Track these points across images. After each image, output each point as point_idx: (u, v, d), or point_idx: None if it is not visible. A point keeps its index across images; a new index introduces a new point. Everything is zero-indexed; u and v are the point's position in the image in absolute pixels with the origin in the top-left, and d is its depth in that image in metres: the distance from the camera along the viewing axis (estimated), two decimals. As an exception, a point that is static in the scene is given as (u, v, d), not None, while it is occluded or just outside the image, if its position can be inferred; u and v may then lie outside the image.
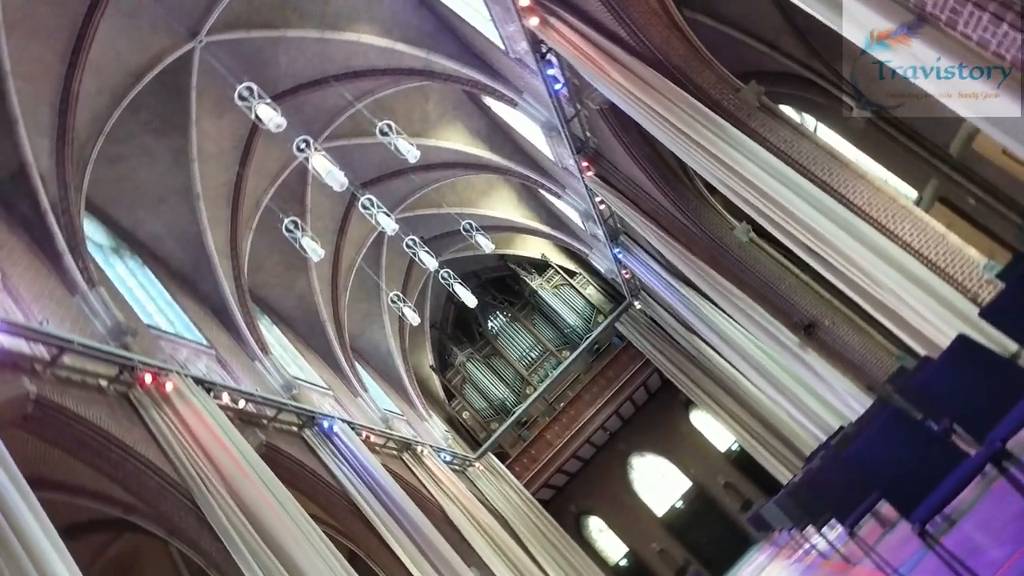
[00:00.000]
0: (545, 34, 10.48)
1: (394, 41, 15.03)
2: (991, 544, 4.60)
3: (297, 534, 9.03)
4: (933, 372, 4.92)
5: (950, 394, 4.57)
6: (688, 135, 9.46)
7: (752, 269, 13.97)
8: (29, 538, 5.69)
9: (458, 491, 18.52)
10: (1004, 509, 4.78)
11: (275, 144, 15.54)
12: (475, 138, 19.11)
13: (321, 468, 13.50)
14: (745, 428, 22.21)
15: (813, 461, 11.18)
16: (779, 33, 14.57)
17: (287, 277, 19.05)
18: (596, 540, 27.64)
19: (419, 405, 23.56)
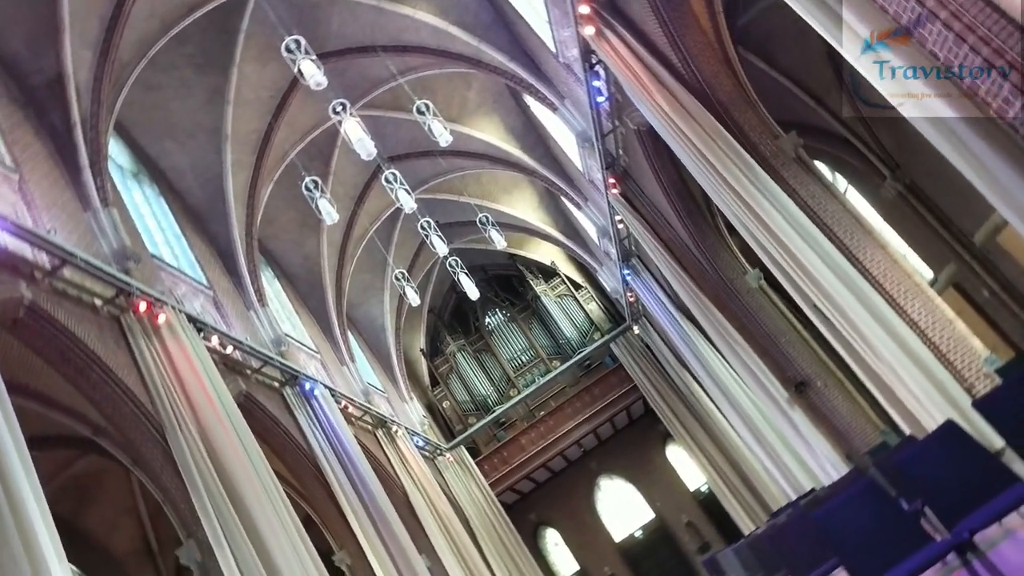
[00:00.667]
0: (598, 45, 10.47)
1: (448, 23, 15.03)
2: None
3: (258, 487, 9.04)
4: (915, 452, 4.90)
5: (928, 477, 4.55)
6: (719, 172, 9.44)
7: (756, 316, 13.94)
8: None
9: (424, 477, 18.52)
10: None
11: (311, 102, 15.56)
12: (509, 134, 19.10)
13: (295, 428, 13.52)
14: (718, 471, 22.17)
15: (779, 516, 11.15)
16: (828, 90, 14.54)
17: (298, 234, 19.07)
18: (550, 553, 27.60)
19: (402, 386, 23.55)
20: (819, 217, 9.15)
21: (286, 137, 16.42)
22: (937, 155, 5.67)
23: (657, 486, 27.30)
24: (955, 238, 14.33)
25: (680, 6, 9.67)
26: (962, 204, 13.56)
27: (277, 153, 16.39)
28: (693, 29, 9.83)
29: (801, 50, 13.68)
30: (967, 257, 14.24)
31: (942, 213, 14.49)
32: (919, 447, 4.93)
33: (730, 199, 9.49)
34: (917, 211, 14.73)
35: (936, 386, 8.07)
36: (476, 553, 18.59)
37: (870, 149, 15.00)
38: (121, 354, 9.55)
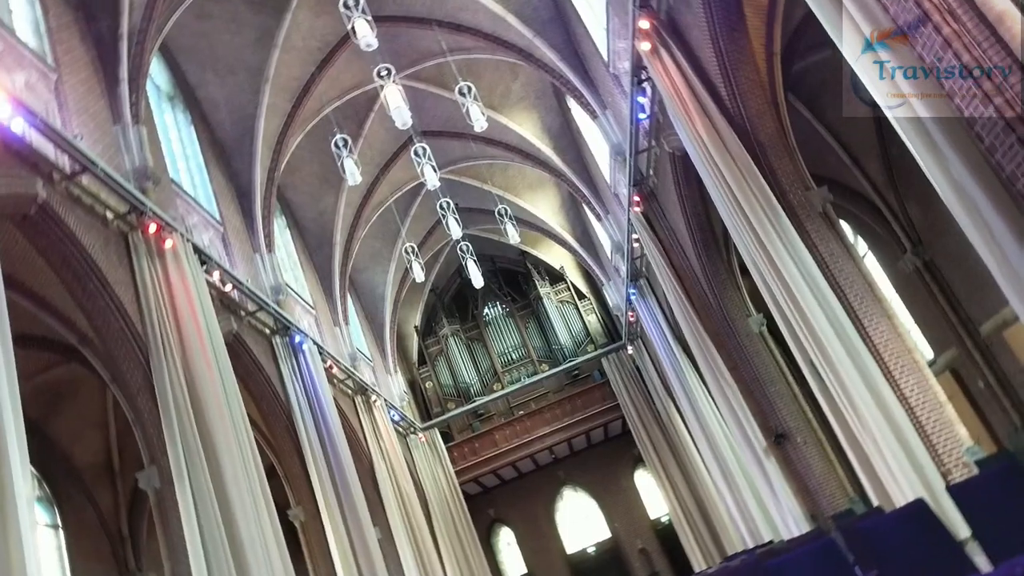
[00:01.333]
0: (651, 62, 10.44)
1: (507, 11, 15.01)
2: None
3: (229, 427, 9.07)
4: (881, 523, 4.90)
5: (888, 549, 4.55)
6: (744, 211, 9.42)
7: (751, 360, 13.91)
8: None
9: (393, 451, 18.56)
10: None
11: (357, 61, 15.55)
12: (544, 133, 19.08)
13: (276, 377, 13.55)
14: (681, 505, 22.18)
15: (733, 560, 11.15)
16: (867, 153, 14.51)
17: (317, 189, 19.09)
18: (500, 551, 27.62)
19: (390, 358, 23.59)
20: (833, 276, 9.12)
21: (325, 91, 16.44)
22: (960, 238, 5.67)
23: (619, 507, 27.29)
24: (962, 324, 14.29)
25: (739, 41, 9.63)
26: (976, 292, 13.52)
27: (314, 105, 16.41)
28: (747, 66, 9.80)
29: (851, 112, 13.63)
30: (970, 345, 14.21)
31: (954, 297, 14.45)
32: (886, 519, 4.92)
33: (749, 240, 9.46)
34: (930, 290, 14.70)
35: (913, 464, 8.06)
36: (429, 536, 18.63)
37: (897, 219, 14.96)
38: (122, 270, 9.58)
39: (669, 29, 10.21)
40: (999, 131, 4.63)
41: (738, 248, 10.45)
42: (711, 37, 9.56)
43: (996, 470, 7.09)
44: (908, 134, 5.41)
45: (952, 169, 5.06)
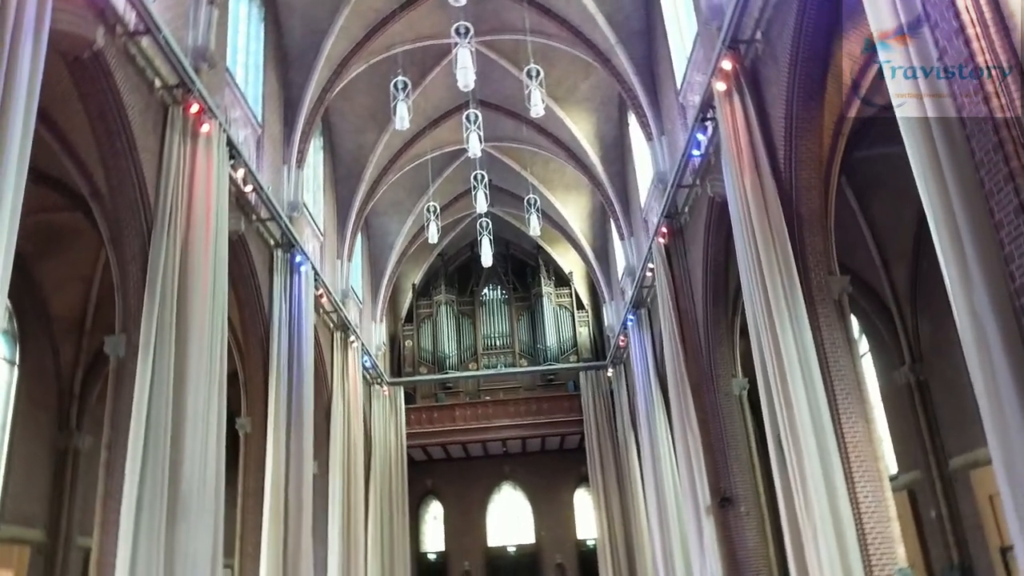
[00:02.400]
0: (721, 103, 10.39)
1: (598, 10, 14.94)
2: None
3: (207, 319, 9.10)
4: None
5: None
6: (763, 275, 9.40)
7: (722, 419, 13.90)
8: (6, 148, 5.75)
9: (354, 395, 18.62)
10: None
11: (440, 11, 15.47)
12: (596, 139, 19.03)
13: (266, 289, 13.58)
14: (611, 534, 22.26)
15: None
16: (899, 259, 14.47)
17: (363, 122, 19.05)
18: (425, 522, 27.77)
19: (380, 307, 23.63)
20: (828, 364, 9.11)
21: (401, 31, 16.38)
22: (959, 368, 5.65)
23: (550, 517, 27.41)
24: (934, 451, 14.30)
25: (812, 110, 9.57)
26: (958, 424, 13.51)
27: (386, 41, 16.36)
28: (811, 136, 9.74)
29: (895, 212, 13.60)
30: (935, 474, 14.22)
31: (936, 423, 14.45)
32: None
33: (759, 304, 9.45)
34: (915, 409, 14.69)
35: (844, 565, 8.09)
36: (363, 485, 18.72)
37: (905, 331, 14.94)
38: (152, 140, 9.59)
39: (748, 77, 10.16)
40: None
41: (745, 308, 10.43)
42: (786, 98, 9.50)
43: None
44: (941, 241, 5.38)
45: (975, 297, 5.05)
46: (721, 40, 10.21)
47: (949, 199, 5.32)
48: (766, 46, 9.88)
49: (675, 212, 14.38)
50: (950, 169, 5.27)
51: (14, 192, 5.91)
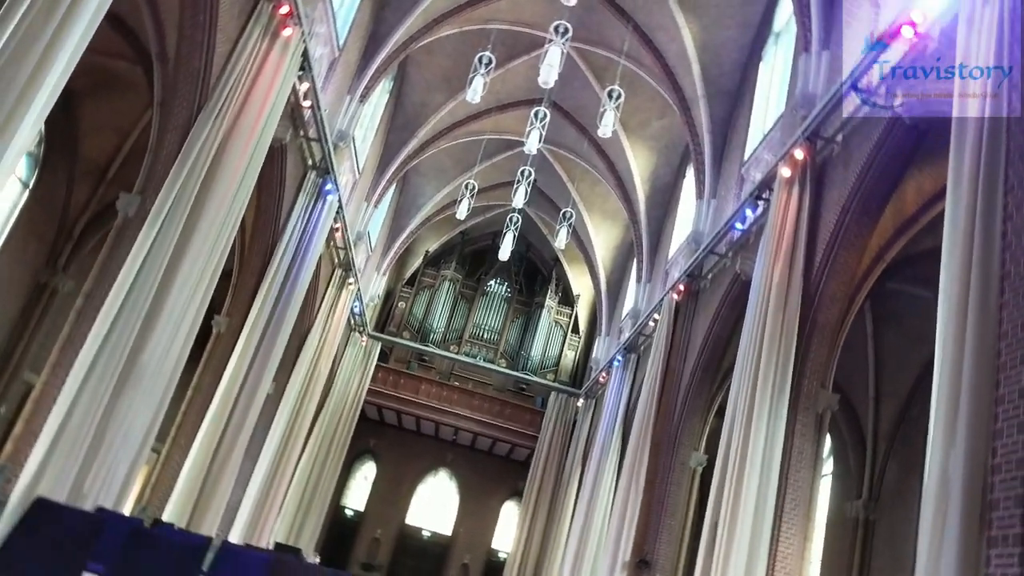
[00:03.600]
0: (780, 189, 10.36)
1: (696, 58, 14.92)
2: None
3: (223, 210, 9.16)
4: None
5: None
6: (759, 366, 9.37)
7: (669, 485, 13.86)
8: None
9: (333, 334, 18.65)
10: None
11: (547, 4, 15.45)
12: (650, 178, 19.01)
13: (288, 203, 13.62)
14: (523, 556, 22.21)
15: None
16: (892, 398, 14.40)
17: (436, 82, 19.03)
18: (354, 477, 27.77)
19: (387, 261, 23.66)
20: (788, 470, 9.07)
21: (504, 9, 16.38)
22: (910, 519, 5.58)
23: (473, 518, 27.40)
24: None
25: (863, 227, 9.53)
26: (890, 574, 13.45)
27: (485, 13, 16.35)
28: (853, 252, 9.71)
29: (903, 351, 13.56)
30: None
31: (868, 566, 14.36)
32: None
33: (745, 389, 9.42)
34: (854, 545, 14.60)
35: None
36: (309, 421, 18.73)
37: (872, 468, 14.86)
38: (234, 25, 9.63)
39: (814, 173, 10.13)
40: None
41: (730, 389, 10.41)
42: (843, 207, 9.47)
43: None
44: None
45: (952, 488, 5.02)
46: (802, 129, 10.18)
47: (962, 357, 5.30)
48: (842, 150, 9.85)
49: (697, 274, 14.35)
50: (973, 329, 5.25)
51: (86, 27, 5.93)
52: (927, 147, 8.70)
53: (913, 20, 8.02)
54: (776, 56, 14.11)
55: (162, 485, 12.10)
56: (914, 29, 8.01)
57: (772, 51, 14.33)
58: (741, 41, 14.88)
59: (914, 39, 8.11)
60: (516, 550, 22.70)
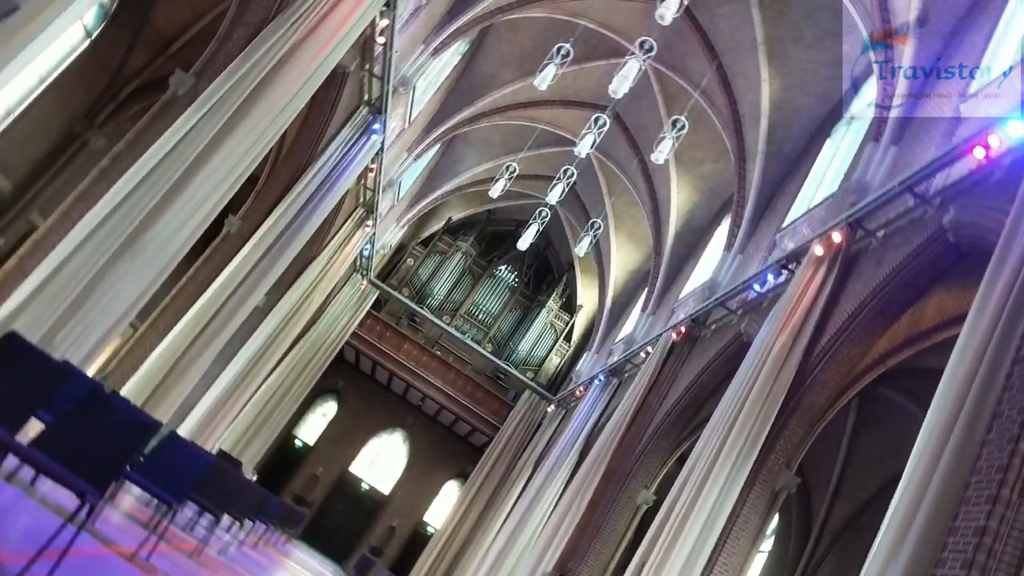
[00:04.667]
0: (807, 266, 10.30)
1: (769, 113, 14.83)
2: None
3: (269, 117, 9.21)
4: None
5: None
6: (731, 430, 9.35)
7: (610, 513, 13.89)
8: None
9: (336, 269, 18.70)
10: None
11: (640, 16, 15.37)
12: (685, 216, 18.92)
13: (334, 129, 13.65)
14: (450, 538, 22.27)
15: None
16: (850, 499, 14.40)
17: (509, 58, 18.90)
18: (312, 411, 27.88)
19: (409, 215, 23.66)
20: (729, 534, 9.09)
21: (596, 9, 16.30)
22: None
23: (414, 485, 27.54)
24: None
25: (875, 326, 9.47)
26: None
27: (577, 7, 16.27)
28: (858, 347, 9.66)
29: (875, 458, 13.55)
30: None
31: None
32: None
33: (712, 446, 9.42)
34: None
35: None
36: (287, 344, 18.77)
37: (809, 559, 14.88)
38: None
39: (845, 259, 10.06)
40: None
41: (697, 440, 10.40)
42: (862, 301, 9.42)
43: None
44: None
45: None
46: (847, 214, 10.11)
47: (929, 482, 5.28)
48: (879, 247, 9.79)
49: (702, 321, 14.32)
50: (950, 457, 5.23)
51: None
52: (961, 270, 8.63)
53: (989, 143, 7.93)
54: (844, 138, 14.01)
55: (129, 361, 12.18)
56: (987, 152, 7.92)
57: (842, 131, 14.23)
58: (816, 112, 14.78)
59: (983, 162, 8.01)
60: (445, 529, 22.79)
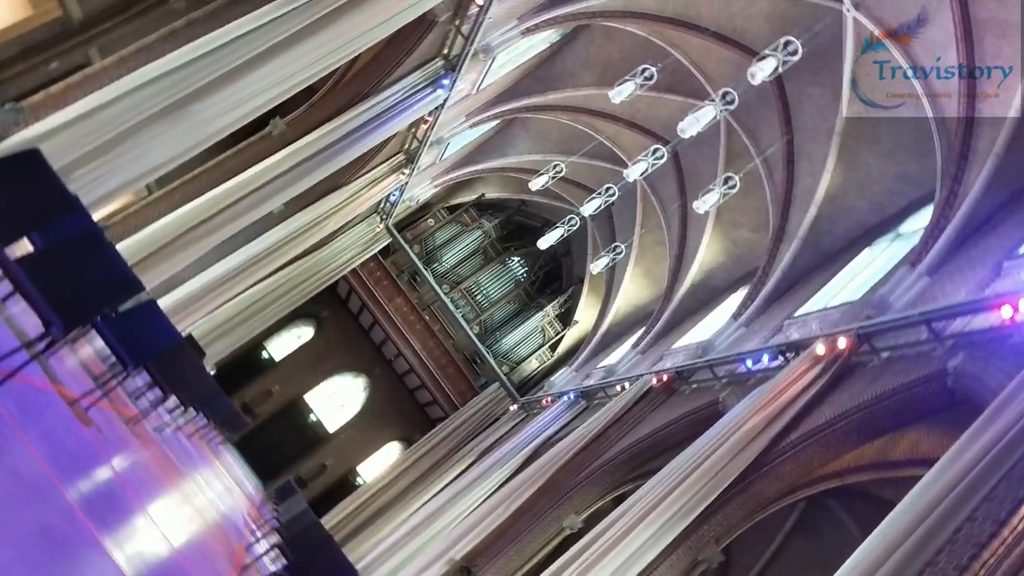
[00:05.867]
0: (803, 360, 10.29)
1: (820, 202, 14.77)
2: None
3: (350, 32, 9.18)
4: None
5: None
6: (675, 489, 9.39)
7: (533, 525, 13.92)
8: None
9: (358, 204, 18.73)
10: None
11: (731, 67, 15.16)
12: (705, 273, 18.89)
13: (406, 69, 13.75)
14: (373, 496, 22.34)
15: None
16: None
17: (594, 62, 18.67)
18: (288, 329, 27.98)
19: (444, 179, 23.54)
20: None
21: (693, 47, 16.15)
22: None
23: (359, 435, 27.67)
24: None
25: (848, 441, 9.42)
26: None
27: (675, 37, 16.09)
28: (824, 454, 9.60)
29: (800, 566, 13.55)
30: None
31: None
32: None
33: (651, 498, 9.48)
34: None
35: None
36: (288, 259, 18.75)
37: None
38: None
39: (842, 367, 10.06)
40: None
41: (640, 488, 10.42)
42: (844, 413, 9.41)
43: None
44: None
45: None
46: (859, 325, 10.11)
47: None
48: (878, 366, 9.78)
49: (685, 377, 14.33)
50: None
51: None
52: (949, 416, 8.60)
53: (1019, 307, 7.91)
54: (884, 252, 13.98)
55: (133, 221, 12.19)
56: (1013, 314, 7.91)
57: (883, 245, 14.19)
58: (865, 218, 14.72)
59: (1006, 322, 8.00)
60: (374, 486, 22.89)
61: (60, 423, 4.14)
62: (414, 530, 17.33)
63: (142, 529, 4.25)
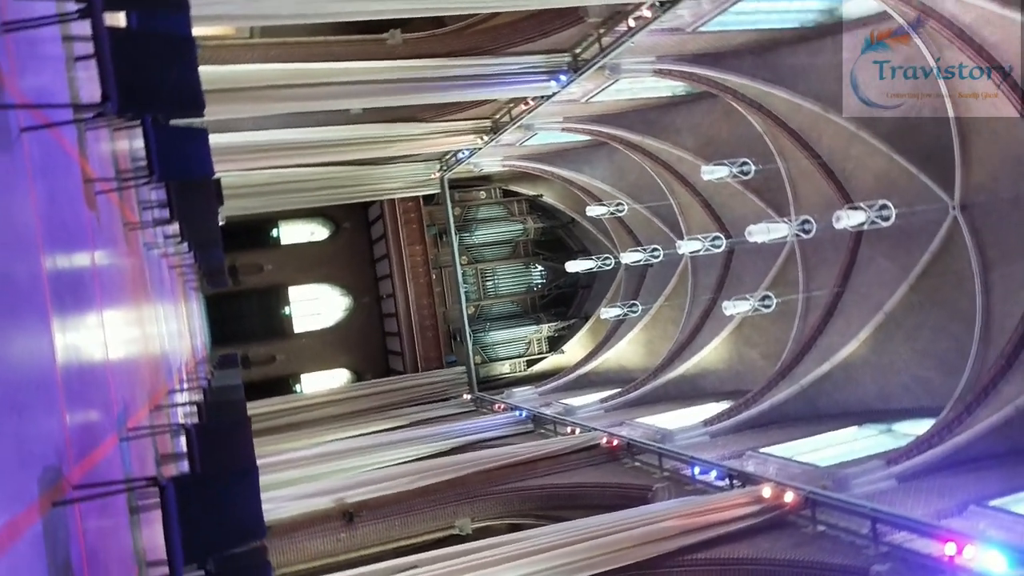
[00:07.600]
0: (748, 495, 10.28)
1: (836, 362, 14.70)
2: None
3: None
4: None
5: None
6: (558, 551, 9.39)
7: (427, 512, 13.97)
8: None
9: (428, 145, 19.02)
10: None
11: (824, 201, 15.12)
12: (699, 372, 18.87)
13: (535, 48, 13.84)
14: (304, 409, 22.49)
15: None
16: None
17: (702, 132, 18.22)
18: (304, 222, 28.30)
19: (514, 161, 23.40)
20: None
21: (796, 161, 16.07)
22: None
23: (319, 347, 28.00)
24: None
25: None
26: None
27: (788, 148, 15.96)
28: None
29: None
30: None
31: None
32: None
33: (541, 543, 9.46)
34: None
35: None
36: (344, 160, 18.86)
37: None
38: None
39: (776, 519, 10.04)
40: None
41: (537, 529, 10.42)
42: (754, 559, 9.40)
43: None
44: None
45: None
46: (812, 490, 10.10)
47: None
48: (811, 535, 9.75)
49: (632, 452, 14.35)
50: None
51: None
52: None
53: (963, 550, 7.88)
54: (869, 438, 13.94)
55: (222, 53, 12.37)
56: (956, 553, 7.90)
57: (872, 431, 14.16)
58: (868, 399, 14.66)
59: (945, 557, 7.99)
60: (307, 399, 23.05)
61: (68, 192, 4.17)
62: (321, 457, 17.38)
63: (90, 326, 4.27)
